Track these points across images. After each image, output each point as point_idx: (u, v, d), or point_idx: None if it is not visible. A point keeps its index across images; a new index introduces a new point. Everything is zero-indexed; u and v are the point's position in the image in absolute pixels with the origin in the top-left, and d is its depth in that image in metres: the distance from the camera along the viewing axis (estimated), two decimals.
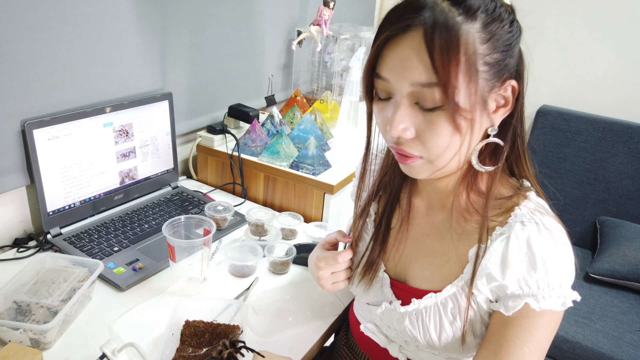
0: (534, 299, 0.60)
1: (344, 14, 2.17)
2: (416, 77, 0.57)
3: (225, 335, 0.83)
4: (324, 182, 1.25)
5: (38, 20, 0.99)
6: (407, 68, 0.57)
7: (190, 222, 0.99)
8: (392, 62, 0.59)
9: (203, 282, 0.98)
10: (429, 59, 0.55)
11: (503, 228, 0.65)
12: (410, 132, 0.60)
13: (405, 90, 0.58)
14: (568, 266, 0.62)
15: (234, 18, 1.52)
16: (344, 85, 1.50)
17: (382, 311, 0.75)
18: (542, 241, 0.61)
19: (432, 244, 0.73)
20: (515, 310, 0.61)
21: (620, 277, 1.73)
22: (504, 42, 0.58)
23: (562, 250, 0.62)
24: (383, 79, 0.60)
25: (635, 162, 1.99)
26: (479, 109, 0.59)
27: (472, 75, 0.56)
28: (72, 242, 1.06)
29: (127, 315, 0.88)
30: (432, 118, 0.58)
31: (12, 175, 1.03)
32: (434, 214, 0.74)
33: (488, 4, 0.58)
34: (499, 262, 0.63)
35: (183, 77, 1.39)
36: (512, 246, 0.62)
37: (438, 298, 0.68)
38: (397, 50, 0.58)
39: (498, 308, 0.63)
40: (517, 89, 0.62)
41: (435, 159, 0.62)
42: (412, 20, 0.56)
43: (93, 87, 1.15)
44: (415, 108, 0.59)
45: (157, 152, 1.30)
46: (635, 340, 1.53)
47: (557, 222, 0.64)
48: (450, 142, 0.60)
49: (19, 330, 0.76)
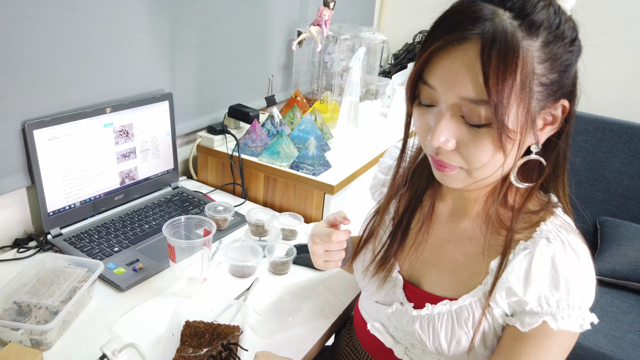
0: (553, 318, 0.59)
1: (344, 14, 2.17)
2: (465, 92, 0.54)
3: (225, 335, 0.83)
4: (324, 182, 1.25)
5: (38, 21, 0.99)
6: (457, 81, 0.54)
7: (190, 222, 0.99)
8: (442, 71, 0.56)
9: (203, 282, 0.98)
10: (481, 75, 0.52)
11: (527, 242, 0.63)
12: (452, 143, 0.58)
13: (451, 102, 0.56)
14: (590, 288, 0.61)
15: (234, 18, 1.52)
16: (344, 86, 1.50)
17: (392, 311, 0.74)
18: (567, 260, 0.60)
19: (452, 251, 0.71)
20: (531, 327, 0.60)
21: (620, 277, 1.73)
22: (562, 62, 0.55)
23: (586, 271, 0.61)
24: (430, 86, 0.58)
25: (636, 162, 1.99)
26: (527, 129, 0.56)
27: (525, 96, 0.54)
28: (72, 242, 1.06)
29: (127, 316, 0.88)
30: (476, 134, 0.56)
31: (13, 176, 1.03)
32: (456, 220, 0.72)
33: (552, 19, 0.54)
34: (521, 277, 0.62)
35: (183, 77, 1.39)
36: (536, 262, 0.61)
37: (453, 306, 0.67)
38: (448, 60, 0.55)
39: (514, 323, 0.62)
40: (569, 108, 0.60)
41: (474, 171, 0.60)
42: (469, 31, 0.53)
43: (93, 88, 1.15)
44: (459, 121, 0.57)
45: (157, 153, 1.30)
46: (635, 340, 1.53)
47: (582, 242, 0.63)
48: (492, 159, 0.58)
49: (19, 331, 0.76)
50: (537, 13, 0.53)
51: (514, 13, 0.53)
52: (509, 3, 0.54)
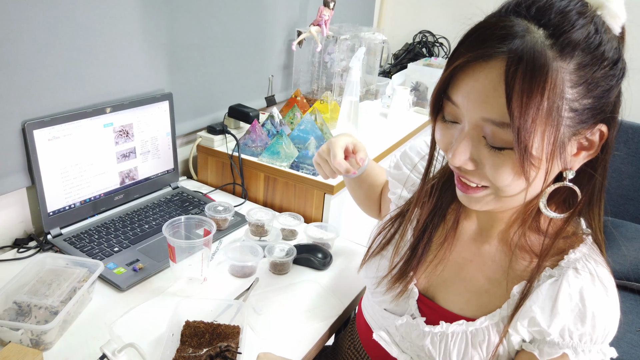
0: (574, 352, 0.58)
1: (344, 14, 2.17)
2: (488, 113, 0.51)
3: (225, 335, 0.83)
4: (324, 182, 1.24)
5: (39, 21, 0.99)
6: (481, 102, 0.51)
7: (190, 222, 0.99)
8: (466, 89, 0.53)
9: (203, 282, 0.98)
10: (505, 98, 0.49)
11: (553, 270, 0.61)
12: (473, 165, 0.56)
13: (474, 122, 0.53)
14: (615, 323, 0.59)
15: (234, 18, 1.52)
16: (344, 86, 1.50)
17: (402, 323, 0.71)
18: (595, 295, 0.58)
19: (474, 271, 0.69)
20: (550, 357, 0.58)
21: (620, 277, 1.73)
22: (599, 86, 0.51)
23: (613, 306, 0.59)
24: (454, 103, 0.55)
25: (635, 162, 1.99)
26: (554, 156, 0.52)
27: (552, 122, 0.49)
28: (72, 242, 1.06)
29: (127, 316, 0.88)
30: (498, 157, 0.53)
31: (13, 176, 1.03)
32: (480, 240, 0.70)
33: (592, 39, 0.49)
34: (546, 308, 0.59)
35: (183, 77, 1.39)
36: (563, 294, 0.58)
37: (469, 327, 0.65)
38: (473, 78, 0.52)
39: (532, 350, 0.60)
40: (607, 134, 0.54)
41: (500, 191, 0.56)
42: (496, 49, 0.49)
43: (93, 88, 1.15)
44: (481, 141, 0.54)
45: (157, 153, 1.30)
46: (635, 340, 1.53)
47: (609, 274, 0.61)
48: (517, 182, 0.54)
49: (19, 331, 0.76)
50: (575, 32, 0.49)
51: (548, 31, 0.49)
52: (544, 19, 0.49)
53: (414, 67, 2.08)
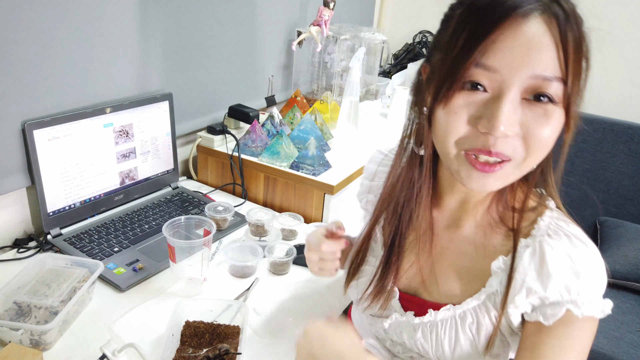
0: (575, 306, 0.58)
1: (344, 14, 2.17)
2: (538, 69, 0.51)
3: (225, 335, 0.83)
4: (324, 182, 1.25)
5: (38, 21, 0.99)
6: (530, 58, 0.51)
7: (190, 222, 0.99)
8: (506, 49, 0.51)
9: (203, 282, 0.98)
10: (561, 51, 0.51)
11: (527, 240, 0.62)
12: (517, 128, 0.54)
13: (518, 82, 0.52)
14: (604, 274, 0.60)
15: (234, 18, 1.52)
16: (344, 86, 1.50)
17: (391, 322, 0.71)
18: (579, 252, 0.60)
19: (452, 257, 0.69)
20: (555, 318, 0.58)
21: (620, 277, 1.73)
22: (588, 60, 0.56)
23: (597, 258, 0.60)
24: (487, 68, 0.52)
25: (635, 162, 1.99)
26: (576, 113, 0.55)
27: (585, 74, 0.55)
28: (72, 242, 1.06)
29: (127, 316, 0.88)
30: (544, 112, 0.53)
31: (13, 177, 1.03)
32: (455, 226, 0.70)
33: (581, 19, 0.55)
34: (537, 275, 0.60)
35: (183, 77, 1.39)
36: (550, 258, 0.60)
37: (457, 311, 0.65)
38: (511, 37, 0.51)
39: (535, 318, 0.60)
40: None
41: (528, 159, 0.56)
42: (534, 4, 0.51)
43: (93, 88, 1.15)
44: (522, 102, 0.54)
45: (157, 153, 1.30)
46: (635, 340, 1.53)
47: (580, 229, 0.62)
48: (549, 144, 0.56)
49: (19, 331, 0.76)
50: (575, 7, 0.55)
51: None
52: None
53: (414, 67, 2.09)
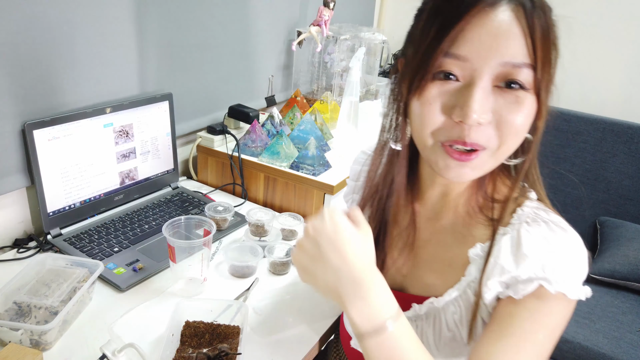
0: (548, 282, 0.57)
1: (344, 14, 2.17)
2: (507, 56, 0.52)
3: (225, 336, 0.83)
4: (324, 182, 1.25)
5: (39, 21, 0.99)
6: (498, 46, 0.52)
7: (190, 222, 0.99)
8: (475, 38, 0.52)
9: (203, 282, 0.98)
10: (529, 38, 0.52)
11: (506, 228, 0.62)
12: (490, 115, 0.55)
13: (488, 70, 0.53)
14: (583, 260, 0.59)
15: (234, 18, 1.52)
16: (344, 86, 1.49)
17: None
18: (556, 236, 0.59)
19: (434, 249, 0.70)
20: (526, 292, 0.57)
21: (620, 277, 1.73)
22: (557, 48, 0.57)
23: (577, 243, 0.59)
24: (457, 57, 0.54)
25: (635, 162, 1.99)
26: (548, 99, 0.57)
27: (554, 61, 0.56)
28: (72, 242, 1.06)
29: (127, 316, 0.88)
30: (516, 99, 0.54)
31: (13, 177, 1.03)
32: (435, 218, 0.71)
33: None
34: (512, 256, 0.60)
35: (183, 77, 1.39)
36: (526, 241, 0.59)
37: (439, 303, 0.65)
38: (479, 25, 0.52)
39: (507, 294, 0.59)
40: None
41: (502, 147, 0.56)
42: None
43: (93, 88, 1.15)
44: (491, 90, 0.54)
45: (157, 153, 1.30)
46: (635, 340, 1.53)
47: (562, 219, 0.62)
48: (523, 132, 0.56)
49: (19, 331, 0.76)
50: None
51: None
52: None
53: None
